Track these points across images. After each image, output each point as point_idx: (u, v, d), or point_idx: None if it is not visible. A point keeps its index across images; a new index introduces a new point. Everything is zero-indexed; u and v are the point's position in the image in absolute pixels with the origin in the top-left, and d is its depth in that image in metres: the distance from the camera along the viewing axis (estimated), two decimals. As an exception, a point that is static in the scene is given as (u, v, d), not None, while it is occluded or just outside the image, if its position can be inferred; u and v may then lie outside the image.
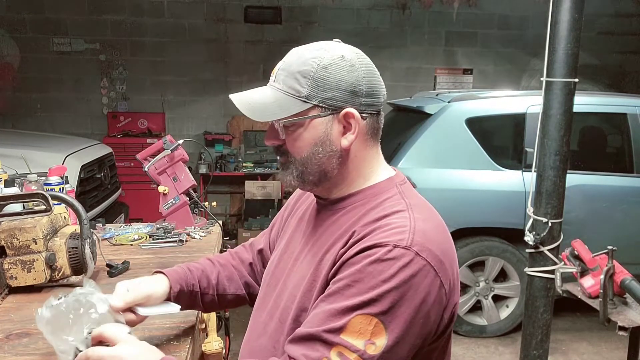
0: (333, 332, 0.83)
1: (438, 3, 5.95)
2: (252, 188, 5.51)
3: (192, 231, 2.01)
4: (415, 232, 0.86)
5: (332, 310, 0.84)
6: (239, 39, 5.77)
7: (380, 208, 0.93)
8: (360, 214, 0.95)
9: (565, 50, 2.36)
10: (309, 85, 0.92)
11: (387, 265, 0.83)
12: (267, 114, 0.94)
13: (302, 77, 0.93)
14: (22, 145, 3.28)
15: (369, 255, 0.85)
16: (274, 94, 0.95)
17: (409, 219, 0.89)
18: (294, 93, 0.93)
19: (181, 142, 2.15)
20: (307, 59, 0.94)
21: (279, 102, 0.93)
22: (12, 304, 1.35)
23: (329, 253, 0.94)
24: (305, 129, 0.94)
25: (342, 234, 0.94)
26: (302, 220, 1.10)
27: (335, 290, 0.86)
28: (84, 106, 5.70)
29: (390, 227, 0.87)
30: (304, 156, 0.95)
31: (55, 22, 5.51)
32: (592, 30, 6.07)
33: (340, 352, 0.82)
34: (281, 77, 0.95)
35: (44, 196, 1.37)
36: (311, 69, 0.93)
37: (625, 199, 3.55)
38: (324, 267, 0.93)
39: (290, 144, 0.96)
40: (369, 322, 0.82)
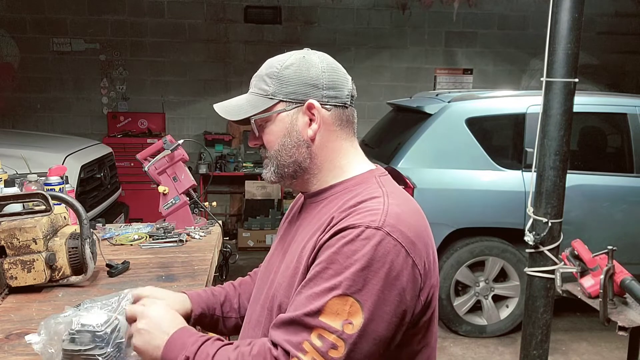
0: (312, 315, 0.86)
1: (438, 3, 5.95)
2: (252, 188, 5.51)
3: (192, 231, 2.02)
4: (388, 215, 0.90)
5: (312, 293, 0.88)
6: (239, 39, 5.77)
7: (359, 196, 0.97)
8: (340, 202, 0.99)
9: (565, 50, 2.36)
10: (274, 84, 1.03)
11: (360, 245, 0.87)
12: (241, 113, 1.06)
13: (268, 78, 1.04)
14: (22, 145, 3.28)
15: (343, 237, 0.89)
16: (247, 97, 1.08)
17: (383, 203, 0.93)
18: (262, 92, 1.05)
19: (181, 142, 2.15)
20: (274, 63, 1.06)
21: (250, 102, 1.06)
22: (12, 304, 1.35)
23: (311, 240, 0.97)
24: (273, 123, 1.04)
25: (323, 222, 0.98)
26: (293, 218, 1.16)
27: (314, 274, 0.90)
28: (84, 106, 5.71)
29: (364, 210, 0.92)
30: (276, 149, 1.05)
31: (55, 22, 5.51)
32: (592, 30, 6.07)
33: (320, 334, 0.85)
34: (253, 83, 1.08)
35: (44, 196, 1.37)
36: (276, 70, 1.04)
37: (625, 199, 3.55)
38: (304, 254, 0.97)
39: (265, 140, 1.07)
40: (344, 302, 0.85)
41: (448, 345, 3.44)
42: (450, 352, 3.37)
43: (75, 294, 1.42)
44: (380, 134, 4.16)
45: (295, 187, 1.11)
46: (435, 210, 3.05)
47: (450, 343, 3.47)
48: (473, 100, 3.63)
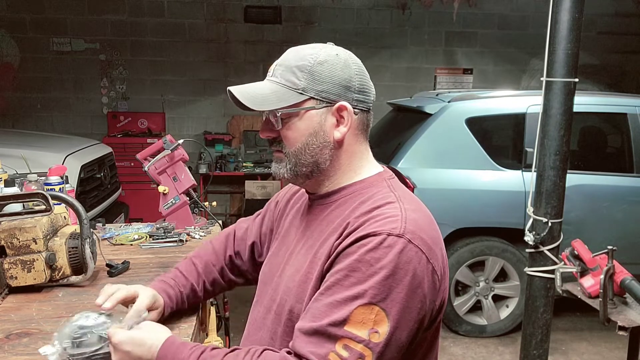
0: (337, 324, 0.84)
1: (438, 3, 5.95)
2: (252, 188, 5.51)
3: (192, 231, 2.01)
4: (407, 221, 0.89)
5: (334, 302, 0.86)
6: (239, 39, 5.77)
7: (371, 200, 0.96)
8: (352, 206, 0.98)
9: (565, 50, 2.36)
10: (306, 79, 0.97)
11: (383, 253, 0.86)
12: (266, 103, 0.98)
13: (299, 71, 0.98)
14: (22, 145, 3.28)
15: (364, 245, 0.88)
16: (271, 87, 0.99)
17: (399, 209, 0.92)
18: (291, 85, 0.98)
19: (181, 141, 2.15)
20: (304, 55, 1.00)
21: (277, 94, 0.98)
22: (12, 303, 1.35)
23: (323, 246, 0.96)
24: (300, 119, 0.99)
25: (336, 226, 0.96)
26: (296, 217, 1.13)
27: (334, 282, 0.88)
28: (84, 106, 5.71)
29: (382, 217, 0.90)
30: (298, 147, 0.99)
31: (55, 22, 5.51)
32: (592, 30, 6.07)
33: (346, 344, 0.83)
34: (279, 72, 1.00)
35: (44, 196, 1.37)
36: (308, 64, 0.98)
37: (625, 199, 3.55)
38: (319, 259, 0.95)
39: (285, 135, 1.00)
40: (370, 311, 0.84)
41: (448, 345, 3.44)
42: (450, 352, 3.37)
43: (75, 294, 1.42)
44: (380, 133, 4.16)
45: (305, 186, 1.08)
46: (435, 210, 3.00)
47: (450, 343, 3.47)
48: (473, 100, 3.63)
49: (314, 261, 0.96)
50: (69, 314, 1.29)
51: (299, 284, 0.97)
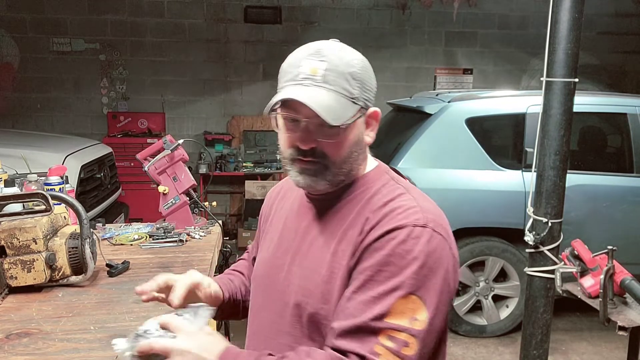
0: (378, 318, 0.86)
1: (438, 3, 5.95)
2: (252, 188, 5.51)
3: (192, 231, 2.01)
4: (425, 211, 0.93)
5: (371, 298, 0.87)
6: (239, 39, 5.77)
7: (380, 194, 0.98)
8: (362, 201, 0.98)
9: (565, 50, 2.36)
10: (358, 87, 0.95)
11: (412, 244, 0.89)
12: (337, 116, 0.92)
13: (352, 79, 0.94)
14: (22, 145, 3.28)
15: (393, 238, 0.89)
16: (331, 96, 0.92)
17: (412, 200, 0.95)
18: (348, 95, 0.94)
19: (181, 142, 2.15)
20: (349, 60, 0.96)
21: (340, 104, 0.93)
22: (12, 303, 1.35)
23: (343, 242, 0.95)
24: (351, 129, 0.96)
25: (352, 222, 0.96)
26: (290, 217, 1.10)
27: (366, 278, 0.89)
28: (84, 106, 5.70)
29: (402, 209, 0.93)
30: (343, 157, 0.97)
31: (55, 22, 5.51)
32: (592, 30, 6.07)
33: (390, 334, 0.86)
34: (331, 78, 0.93)
35: (44, 196, 1.37)
36: (357, 71, 0.95)
37: (625, 199, 3.55)
38: (341, 256, 0.94)
39: (331, 145, 0.95)
40: (408, 301, 0.87)
41: (448, 345, 3.43)
42: (450, 352, 3.37)
43: (75, 294, 1.42)
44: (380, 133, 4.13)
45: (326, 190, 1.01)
46: (435, 210, 3.04)
47: (450, 343, 3.47)
48: (473, 100, 3.63)
49: (334, 260, 0.95)
50: (69, 314, 1.29)
51: (321, 284, 0.95)
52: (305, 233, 1.04)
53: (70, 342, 1.15)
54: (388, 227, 0.90)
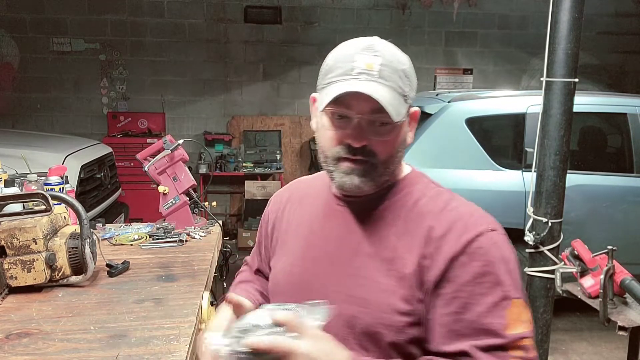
0: (501, 334, 0.85)
1: (438, 3, 5.95)
2: (252, 188, 5.51)
3: (192, 231, 2.01)
4: (484, 214, 0.95)
5: (481, 314, 0.85)
6: (238, 39, 5.77)
7: (428, 197, 0.97)
8: (409, 205, 0.97)
9: (565, 50, 2.36)
10: (409, 85, 0.93)
11: (496, 249, 0.89)
12: (397, 112, 0.88)
13: (405, 77, 0.92)
14: (22, 145, 3.28)
15: (480, 247, 0.88)
16: (388, 92, 0.89)
17: (466, 203, 0.97)
18: (402, 92, 0.91)
19: (181, 142, 2.15)
20: (399, 57, 0.93)
21: (398, 101, 0.90)
22: (12, 304, 1.35)
23: (399, 249, 0.92)
24: (400, 129, 0.94)
25: (405, 228, 0.93)
26: (317, 222, 1.04)
27: (469, 294, 0.86)
28: (84, 106, 5.71)
29: (468, 215, 0.93)
30: (390, 156, 0.94)
31: (55, 22, 5.51)
32: (592, 30, 6.07)
33: (517, 345, 0.85)
34: (387, 74, 0.90)
35: (44, 196, 1.37)
36: (408, 68, 0.93)
37: (625, 199, 3.55)
38: (402, 265, 0.91)
39: (382, 144, 0.92)
40: (516, 305, 0.87)
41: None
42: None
43: (76, 294, 1.42)
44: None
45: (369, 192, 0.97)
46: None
47: (450, 343, 3.47)
48: (473, 100, 3.63)
49: (392, 268, 0.91)
50: (69, 314, 1.29)
51: (380, 294, 0.90)
52: (342, 239, 0.99)
53: (70, 342, 1.15)
54: (468, 236, 0.88)
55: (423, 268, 0.89)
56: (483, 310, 0.85)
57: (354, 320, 0.91)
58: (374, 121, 0.90)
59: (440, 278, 0.88)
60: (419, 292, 0.89)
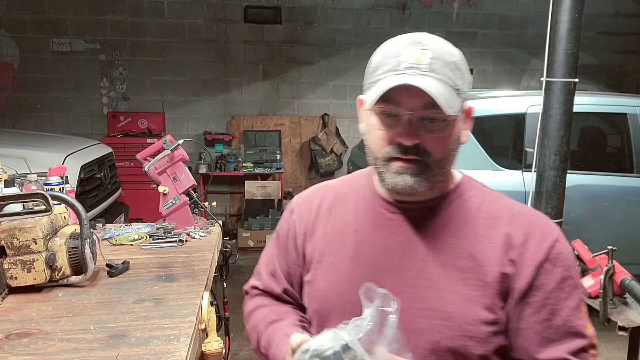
0: (583, 334, 0.88)
1: (438, 3, 5.95)
2: (252, 188, 5.51)
3: (192, 231, 2.01)
4: (544, 215, 0.97)
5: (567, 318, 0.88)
6: (238, 39, 5.77)
7: (489, 202, 0.96)
8: (472, 211, 0.93)
9: (565, 50, 2.36)
10: (461, 79, 0.88)
11: (569, 252, 0.91)
12: (450, 105, 0.84)
13: (456, 70, 0.87)
14: (22, 145, 3.28)
15: (560, 253, 0.89)
16: (441, 86, 0.84)
17: (521, 204, 0.97)
18: (454, 86, 0.86)
19: (181, 142, 2.15)
20: (450, 49, 0.89)
21: (450, 94, 0.85)
22: (12, 304, 1.35)
23: (474, 258, 0.89)
24: (454, 125, 0.89)
25: (483, 237, 0.90)
26: (365, 231, 0.97)
27: (556, 300, 0.88)
28: (84, 106, 5.71)
29: (537, 219, 0.93)
30: (445, 155, 0.89)
31: (55, 22, 5.51)
32: (592, 30, 6.07)
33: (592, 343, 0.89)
34: (437, 67, 0.85)
35: (44, 196, 1.37)
36: (459, 61, 0.89)
37: (625, 199, 3.55)
38: (486, 273, 0.88)
39: (436, 141, 0.87)
40: (584, 306, 0.91)
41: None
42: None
43: (76, 294, 1.42)
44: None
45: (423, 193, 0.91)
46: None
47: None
48: (473, 100, 3.64)
49: (469, 278, 0.88)
50: (69, 314, 1.29)
51: (464, 306, 0.87)
52: (404, 249, 0.92)
53: (70, 342, 1.15)
54: (548, 242, 0.88)
55: (506, 276, 0.88)
56: (568, 314, 0.87)
57: (437, 336, 0.87)
58: (425, 117, 0.85)
59: (529, 286, 0.87)
60: (500, 300, 0.88)
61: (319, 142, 5.73)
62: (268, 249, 1.15)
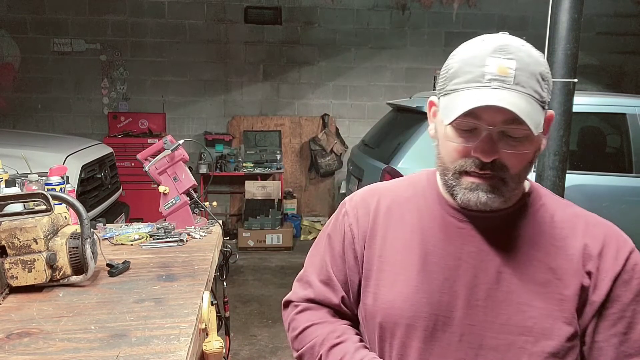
0: None
1: (438, 3, 5.95)
2: (252, 188, 5.52)
3: (193, 231, 2.02)
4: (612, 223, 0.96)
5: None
6: (239, 39, 5.78)
7: (561, 210, 0.94)
8: (546, 220, 0.91)
9: (564, 51, 2.37)
10: (547, 89, 0.83)
11: None
12: (536, 123, 0.79)
13: (542, 80, 0.82)
14: (22, 145, 3.28)
15: (636, 262, 0.88)
16: (526, 100, 0.79)
17: (589, 212, 0.97)
18: (539, 98, 0.81)
19: (181, 142, 2.16)
20: (537, 57, 0.85)
21: (535, 110, 0.80)
22: (13, 303, 1.36)
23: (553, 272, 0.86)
24: (537, 138, 0.84)
25: (560, 248, 0.88)
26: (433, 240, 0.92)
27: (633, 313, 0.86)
28: (85, 106, 5.71)
29: (609, 228, 0.93)
30: (522, 169, 0.84)
31: (56, 23, 5.52)
32: (591, 31, 6.07)
33: None
34: (523, 79, 0.80)
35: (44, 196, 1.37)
36: (546, 71, 0.84)
37: (625, 199, 3.56)
38: (566, 286, 0.86)
39: (515, 157, 0.82)
40: None
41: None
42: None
43: (76, 294, 1.42)
44: (380, 134, 4.16)
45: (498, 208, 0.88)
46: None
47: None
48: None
49: (549, 291, 0.85)
50: (70, 313, 1.30)
51: (545, 321, 0.84)
52: (478, 260, 0.88)
53: (71, 342, 1.15)
54: (624, 253, 0.87)
55: (584, 288, 0.86)
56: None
57: (517, 352, 0.84)
58: (506, 132, 0.81)
59: (606, 298, 0.86)
60: (576, 313, 0.86)
61: (319, 142, 5.74)
62: (316, 255, 1.06)
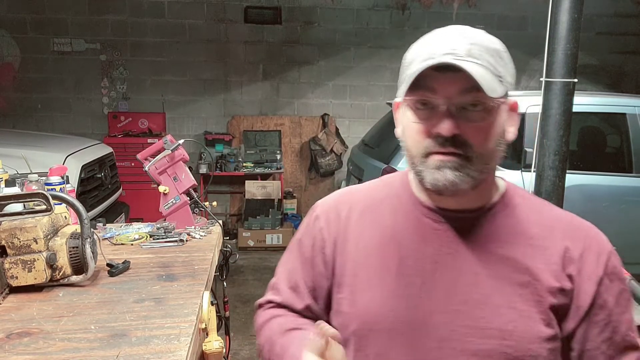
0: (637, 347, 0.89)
1: (438, 3, 5.95)
2: (252, 188, 5.52)
3: (193, 231, 2.02)
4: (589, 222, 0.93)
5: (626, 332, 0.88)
6: (239, 39, 5.78)
7: (536, 211, 0.91)
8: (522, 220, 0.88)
9: (564, 51, 2.36)
10: (503, 67, 0.82)
11: (621, 264, 0.91)
12: (492, 88, 0.76)
13: (498, 57, 0.81)
14: (22, 145, 3.28)
15: (615, 265, 0.89)
16: (478, 67, 0.77)
17: (566, 211, 0.95)
18: (495, 72, 0.79)
19: (181, 142, 2.16)
20: (490, 38, 0.84)
21: (492, 77, 0.78)
22: (13, 303, 1.36)
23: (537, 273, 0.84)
24: (497, 115, 0.81)
25: (539, 249, 0.86)
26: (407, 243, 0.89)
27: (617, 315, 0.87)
28: (85, 106, 5.71)
29: (589, 229, 0.91)
30: (488, 148, 0.81)
31: (56, 23, 5.52)
32: (591, 31, 6.07)
33: None
34: (476, 52, 0.78)
35: (44, 196, 1.38)
36: (501, 49, 0.83)
37: (625, 199, 3.56)
38: (543, 288, 0.84)
39: (477, 131, 0.80)
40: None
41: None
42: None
43: (76, 294, 1.42)
44: (380, 134, 4.16)
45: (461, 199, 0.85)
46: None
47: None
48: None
49: (527, 293, 0.83)
50: (70, 313, 1.30)
51: (525, 323, 0.82)
52: (453, 262, 0.86)
53: (71, 342, 1.15)
54: (604, 256, 0.87)
55: (567, 291, 0.84)
56: (627, 327, 0.88)
57: (498, 357, 0.81)
58: (464, 105, 0.79)
59: (593, 303, 0.85)
60: (554, 314, 0.84)
61: (319, 142, 5.74)
62: (287, 261, 1.03)
